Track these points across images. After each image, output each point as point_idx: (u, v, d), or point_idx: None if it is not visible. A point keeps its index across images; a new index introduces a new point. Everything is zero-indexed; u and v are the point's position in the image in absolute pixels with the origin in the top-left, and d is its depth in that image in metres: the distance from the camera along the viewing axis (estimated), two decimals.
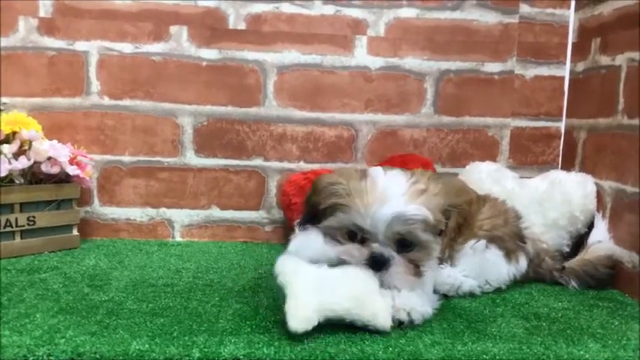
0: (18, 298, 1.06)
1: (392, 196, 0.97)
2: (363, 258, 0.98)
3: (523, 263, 1.26)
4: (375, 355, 0.86)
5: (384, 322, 0.93)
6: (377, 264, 0.97)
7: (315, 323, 0.88)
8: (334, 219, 1.00)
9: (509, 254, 1.23)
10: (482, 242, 1.19)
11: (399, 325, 0.97)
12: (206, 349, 0.85)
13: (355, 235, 1.00)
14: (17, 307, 1.01)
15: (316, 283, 0.92)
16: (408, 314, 0.98)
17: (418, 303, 0.99)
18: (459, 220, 1.04)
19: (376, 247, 0.98)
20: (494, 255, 1.20)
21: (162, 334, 0.91)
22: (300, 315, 0.88)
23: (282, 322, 0.91)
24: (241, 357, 0.84)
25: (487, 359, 0.87)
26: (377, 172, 1.02)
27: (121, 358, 0.83)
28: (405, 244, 0.99)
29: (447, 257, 1.19)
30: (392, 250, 0.99)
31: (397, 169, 1.05)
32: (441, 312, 1.07)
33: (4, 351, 0.83)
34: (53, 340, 0.87)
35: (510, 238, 1.23)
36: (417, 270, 1.01)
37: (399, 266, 0.98)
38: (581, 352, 0.90)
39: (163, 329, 0.93)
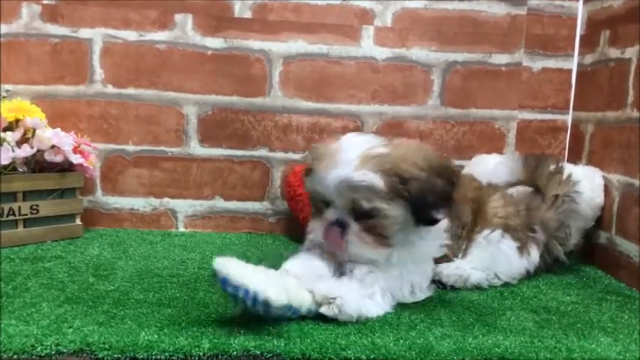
0: (23, 287, 1.05)
1: (343, 160, 0.96)
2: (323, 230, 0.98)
3: (535, 255, 1.25)
4: (386, 347, 0.86)
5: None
6: (335, 231, 0.97)
7: None
8: (309, 184, 1.02)
9: (522, 247, 1.22)
10: (498, 232, 1.19)
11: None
12: (216, 340, 0.84)
13: (326, 202, 1.00)
14: (22, 296, 1.00)
15: None
16: (335, 305, 0.94)
17: (351, 295, 0.95)
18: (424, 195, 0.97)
19: (331, 213, 0.98)
20: (508, 247, 1.20)
21: (171, 324, 0.90)
22: None
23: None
24: (251, 348, 0.83)
25: (499, 352, 0.86)
26: (347, 135, 1.03)
27: (130, 348, 0.82)
28: (361, 212, 0.97)
29: (463, 248, 1.19)
30: (349, 217, 0.97)
31: (373, 135, 1.05)
32: (449, 305, 1.07)
33: (11, 340, 0.82)
34: (61, 329, 0.86)
35: (522, 229, 1.23)
36: (381, 239, 0.99)
37: (355, 234, 0.97)
38: (593, 346, 0.90)
39: (171, 320, 0.92)
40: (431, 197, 0.98)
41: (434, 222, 1.01)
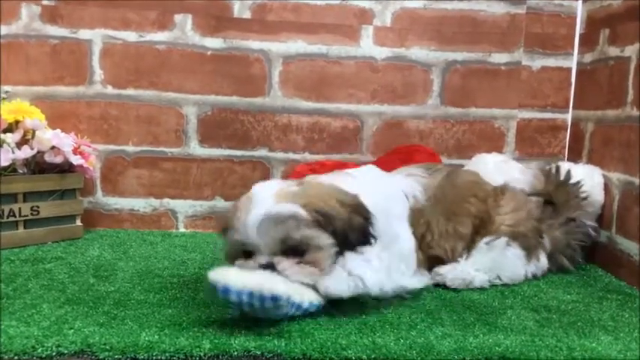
0: (23, 289, 1.05)
1: (259, 201, 0.95)
2: None
3: (544, 261, 1.25)
4: (387, 347, 0.85)
5: None
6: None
7: None
8: (228, 242, 0.99)
9: (530, 253, 1.22)
10: (503, 240, 1.18)
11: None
12: (216, 341, 0.84)
13: (248, 252, 0.96)
14: (23, 297, 1.00)
15: None
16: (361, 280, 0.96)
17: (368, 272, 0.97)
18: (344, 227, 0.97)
19: (260, 259, 0.94)
20: (515, 255, 1.20)
21: (172, 325, 0.90)
22: None
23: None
24: (252, 349, 0.83)
25: (499, 351, 0.86)
26: (256, 185, 1.02)
27: (130, 349, 0.82)
28: (291, 250, 0.95)
29: (460, 250, 1.19)
30: (279, 258, 0.94)
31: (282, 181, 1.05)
32: (450, 304, 1.07)
33: (12, 342, 0.82)
34: (61, 330, 0.86)
35: (532, 234, 1.23)
36: (316, 271, 0.96)
37: (288, 268, 0.94)
38: (593, 345, 0.90)
39: (172, 320, 0.92)
40: (352, 235, 0.98)
41: None
